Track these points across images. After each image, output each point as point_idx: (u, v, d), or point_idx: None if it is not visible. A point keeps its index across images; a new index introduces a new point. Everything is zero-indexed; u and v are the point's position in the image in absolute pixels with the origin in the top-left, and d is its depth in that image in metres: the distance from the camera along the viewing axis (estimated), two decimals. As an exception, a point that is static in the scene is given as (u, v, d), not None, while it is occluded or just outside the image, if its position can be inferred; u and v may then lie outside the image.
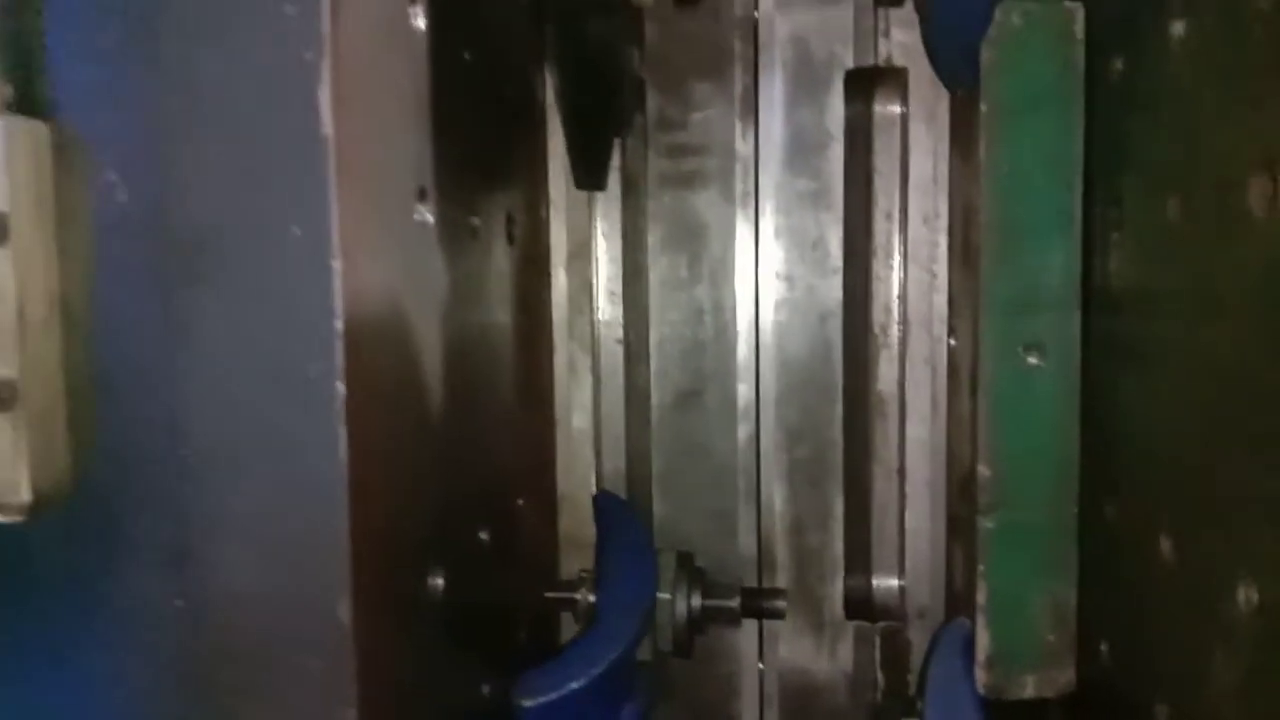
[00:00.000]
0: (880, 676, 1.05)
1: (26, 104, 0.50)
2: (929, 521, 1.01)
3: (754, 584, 1.04)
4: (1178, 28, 0.62)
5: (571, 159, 0.94)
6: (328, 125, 0.49)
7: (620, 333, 1.02)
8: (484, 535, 0.73)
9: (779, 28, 1.00)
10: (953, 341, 0.99)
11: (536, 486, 0.94)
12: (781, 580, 1.04)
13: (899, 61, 0.99)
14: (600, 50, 0.88)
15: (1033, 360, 0.76)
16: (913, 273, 0.98)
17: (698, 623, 0.99)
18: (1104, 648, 0.75)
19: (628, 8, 0.89)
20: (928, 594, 1.02)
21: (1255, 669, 0.52)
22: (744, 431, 1.04)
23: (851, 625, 1.04)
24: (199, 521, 0.52)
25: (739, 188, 1.03)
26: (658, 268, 1.05)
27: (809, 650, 1.04)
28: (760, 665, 1.06)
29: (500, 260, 0.79)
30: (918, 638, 1.03)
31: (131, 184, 0.51)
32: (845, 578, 1.02)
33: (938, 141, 0.99)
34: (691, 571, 0.99)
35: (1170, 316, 0.65)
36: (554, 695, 0.78)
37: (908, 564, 1.00)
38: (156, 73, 0.50)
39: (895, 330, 0.96)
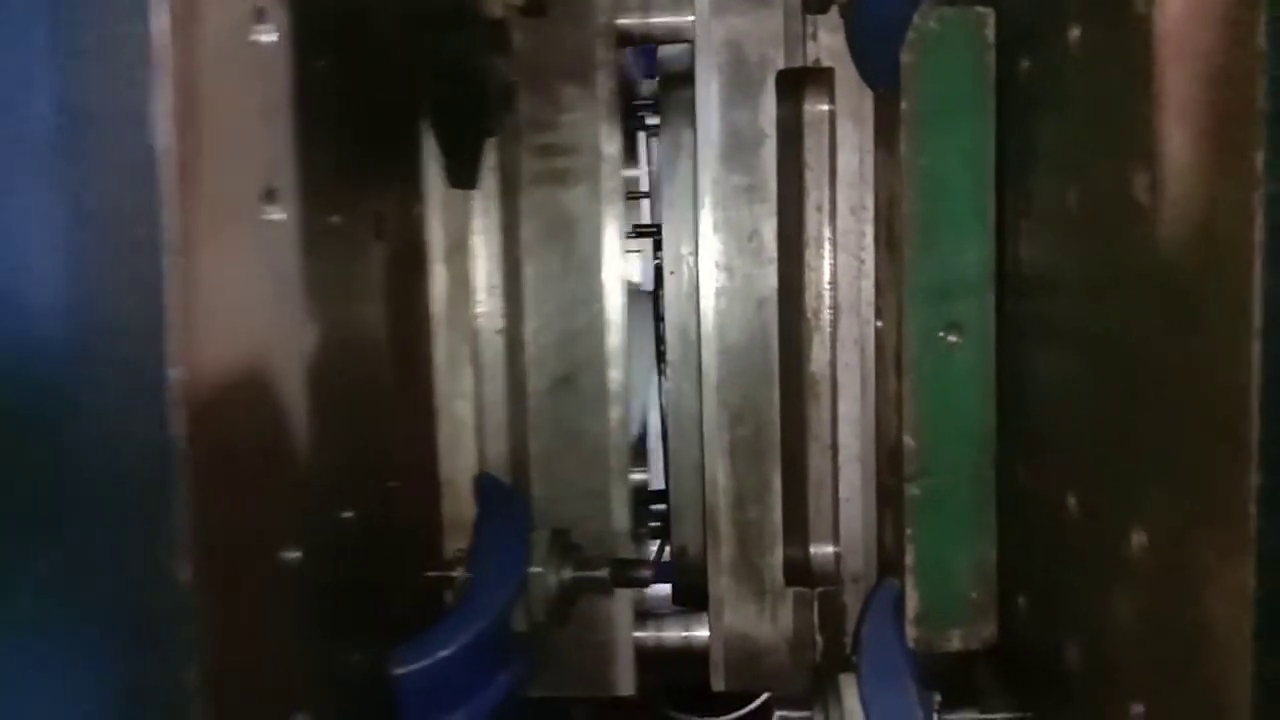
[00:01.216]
0: (819, 638, 1.09)
1: None
2: (861, 492, 1.06)
3: (628, 556, 1.08)
4: (1074, 32, 0.68)
5: (443, 159, 0.96)
6: (165, 137, 0.51)
7: (500, 324, 1.04)
8: (348, 514, 0.75)
9: (715, 32, 1.04)
10: (879, 324, 1.03)
11: (416, 470, 0.96)
12: (725, 551, 1.07)
13: (826, 63, 1.03)
14: (461, 57, 0.90)
15: (952, 340, 0.81)
16: (842, 261, 1.02)
17: (570, 593, 1.01)
18: (1021, 601, 0.80)
19: (485, 17, 0.91)
20: (861, 560, 1.07)
21: (1147, 600, 0.59)
22: (615, 414, 1.08)
23: (791, 591, 1.07)
24: (49, 494, 0.52)
25: (606, 185, 1.07)
26: (533, 261, 1.08)
27: (752, 616, 1.08)
28: (636, 634, 1.10)
29: (368, 256, 0.81)
30: (853, 600, 1.07)
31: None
32: (784, 547, 1.05)
33: (863, 137, 1.03)
34: (565, 546, 1.02)
35: (1070, 296, 0.71)
36: (423, 664, 0.82)
37: (842, 532, 1.03)
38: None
39: (827, 315, 0.99)
